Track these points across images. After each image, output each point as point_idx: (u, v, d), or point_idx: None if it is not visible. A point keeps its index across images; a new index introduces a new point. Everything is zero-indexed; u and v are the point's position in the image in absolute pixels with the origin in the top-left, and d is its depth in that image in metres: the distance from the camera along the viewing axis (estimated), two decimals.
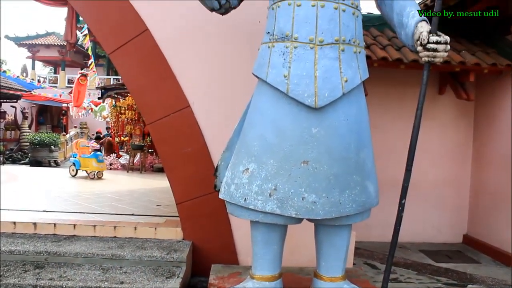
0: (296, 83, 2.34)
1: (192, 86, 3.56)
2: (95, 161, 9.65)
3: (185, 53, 3.55)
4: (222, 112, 3.50)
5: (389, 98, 6.08)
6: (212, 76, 3.54)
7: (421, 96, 2.63)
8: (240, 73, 3.37)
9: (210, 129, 3.57)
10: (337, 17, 2.39)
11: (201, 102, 3.56)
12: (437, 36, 2.45)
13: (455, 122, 6.38)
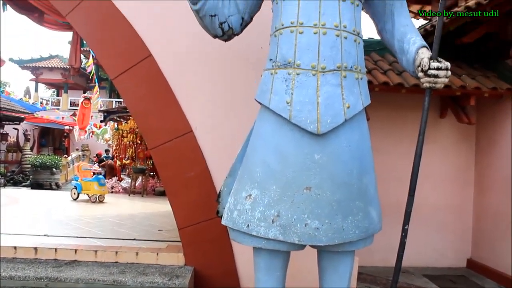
0: (299, 110, 2.36)
1: (194, 111, 3.59)
2: (97, 185, 9.65)
3: (188, 78, 3.58)
4: (225, 137, 3.51)
5: (390, 122, 6.10)
6: (215, 101, 3.57)
7: (423, 122, 2.65)
8: (242, 99, 3.40)
9: (213, 154, 3.58)
10: (339, 44, 2.42)
11: (204, 127, 3.58)
12: (438, 62, 2.48)
13: (456, 145, 6.39)
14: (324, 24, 2.41)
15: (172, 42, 3.58)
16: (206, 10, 2.56)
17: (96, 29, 3.74)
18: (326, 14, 2.42)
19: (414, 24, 2.84)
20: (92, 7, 3.70)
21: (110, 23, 3.67)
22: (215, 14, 2.59)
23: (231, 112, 3.53)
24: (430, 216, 6.22)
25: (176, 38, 3.56)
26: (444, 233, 6.33)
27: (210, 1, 2.54)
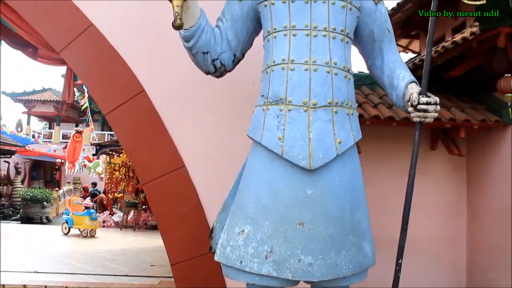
0: (291, 145, 2.38)
1: (187, 146, 3.60)
2: (88, 219, 9.57)
3: (180, 113, 3.61)
4: (217, 172, 3.52)
5: (382, 154, 6.13)
6: (207, 137, 3.59)
7: (414, 156, 2.68)
8: (235, 134, 3.42)
9: (205, 189, 3.58)
10: (330, 81, 2.47)
11: (196, 162, 3.59)
12: (427, 97, 2.54)
13: (448, 177, 6.41)
14: (315, 61, 2.46)
15: (165, 78, 3.62)
16: (198, 47, 2.60)
17: (90, 65, 3.78)
18: (316, 52, 2.48)
19: (402, 59, 2.91)
20: (85, 44, 3.74)
21: (104, 59, 3.71)
22: (208, 51, 2.64)
23: (223, 147, 3.54)
24: (424, 248, 6.19)
25: (169, 74, 3.60)
26: (439, 265, 6.28)
27: (202, 39, 2.58)
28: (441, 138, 6.09)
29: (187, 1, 2.48)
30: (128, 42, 3.67)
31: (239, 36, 2.73)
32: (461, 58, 5.67)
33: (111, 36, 3.70)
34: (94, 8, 3.74)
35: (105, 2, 3.72)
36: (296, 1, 2.54)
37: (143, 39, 3.64)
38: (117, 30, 3.69)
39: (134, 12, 3.66)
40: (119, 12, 3.70)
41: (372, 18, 2.75)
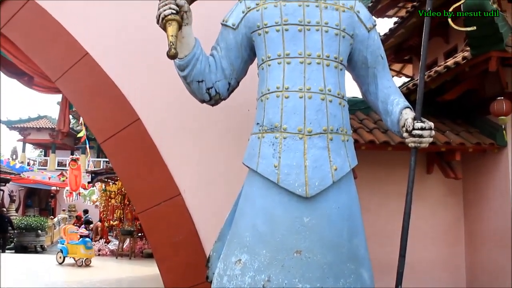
0: (287, 173, 2.38)
1: (183, 174, 3.58)
2: (83, 248, 9.45)
3: (175, 141, 3.60)
4: (213, 200, 3.50)
5: (378, 179, 6.12)
6: (203, 164, 3.58)
7: (410, 182, 2.68)
8: (230, 161, 3.41)
9: (201, 218, 3.55)
10: (324, 108, 2.48)
11: (192, 190, 3.57)
12: (421, 123, 2.55)
13: (444, 200, 6.39)
14: (309, 89, 2.48)
15: (160, 106, 3.62)
16: (193, 76, 2.62)
17: (85, 94, 3.78)
18: (311, 79, 2.50)
19: (396, 85, 2.93)
20: (81, 73, 3.76)
21: (99, 88, 3.72)
22: (202, 80, 2.65)
23: (219, 175, 3.53)
24: (423, 273, 6.12)
25: (164, 102, 3.61)
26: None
27: (197, 68, 2.61)
28: (436, 161, 6.11)
29: (181, 31, 2.52)
30: (123, 71, 3.69)
31: (233, 65, 2.75)
32: (454, 82, 5.73)
33: (107, 65, 3.71)
34: (90, 38, 3.76)
35: (100, 31, 3.76)
36: (289, 30, 2.58)
37: (138, 68, 3.66)
38: (113, 59, 3.71)
39: (129, 41, 3.69)
40: (115, 42, 3.73)
41: (365, 45, 2.78)
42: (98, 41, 3.75)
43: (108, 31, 3.75)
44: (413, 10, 7.37)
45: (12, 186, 22.70)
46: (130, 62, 3.67)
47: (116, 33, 3.73)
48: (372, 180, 6.05)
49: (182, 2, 2.50)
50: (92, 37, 3.76)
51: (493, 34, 4.69)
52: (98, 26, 3.76)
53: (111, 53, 3.72)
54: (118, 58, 3.70)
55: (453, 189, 6.41)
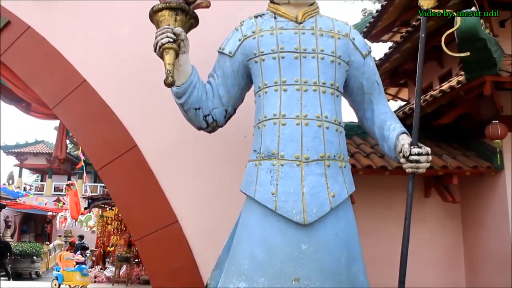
0: (284, 200, 2.38)
1: (180, 201, 3.57)
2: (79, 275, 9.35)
3: (173, 168, 3.60)
4: (211, 227, 3.47)
5: (376, 204, 6.10)
6: (200, 191, 3.57)
7: (408, 207, 2.67)
8: (228, 189, 3.40)
9: (199, 245, 3.52)
10: (321, 134, 2.49)
11: (190, 217, 3.54)
12: (418, 148, 2.56)
13: (443, 224, 6.37)
14: (306, 116, 2.49)
15: (157, 133, 3.62)
16: (190, 103, 2.64)
17: (82, 121, 3.78)
18: (307, 106, 2.51)
19: (392, 110, 2.95)
20: (78, 100, 3.77)
21: (96, 115, 3.73)
22: (199, 107, 2.67)
23: (216, 201, 3.52)
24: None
25: (161, 129, 3.62)
26: None
27: (194, 95, 2.62)
28: (434, 185, 6.11)
29: (178, 59, 2.54)
30: (120, 98, 3.70)
31: (230, 92, 2.77)
32: (450, 105, 5.79)
33: (104, 92, 3.73)
34: (88, 65, 3.79)
35: (98, 58, 3.78)
36: (286, 57, 2.61)
37: (135, 95, 3.67)
38: (110, 86, 3.73)
39: (127, 68, 3.71)
40: (112, 68, 3.75)
41: (360, 72, 2.81)
42: (96, 68, 3.77)
43: (106, 58, 3.77)
44: (407, 36, 7.47)
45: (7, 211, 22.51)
46: (127, 89, 3.69)
47: (114, 60, 3.76)
48: (370, 204, 6.04)
49: (179, 30, 2.52)
50: (90, 64, 3.79)
51: (486, 59, 4.75)
52: (96, 53, 3.79)
53: (109, 80, 3.74)
54: (115, 85, 3.72)
55: (452, 212, 6.39)
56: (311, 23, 2.73)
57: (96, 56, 3.78)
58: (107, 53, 3.77)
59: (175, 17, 2.61)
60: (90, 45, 3.80)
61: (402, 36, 7.74)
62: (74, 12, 3.83)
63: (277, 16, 2.76)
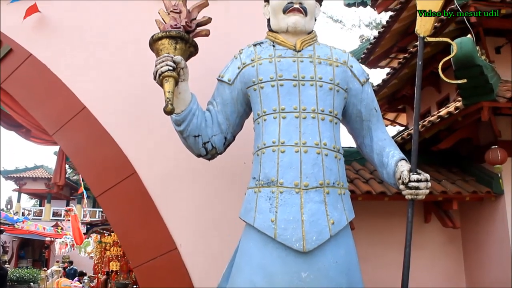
0: (284, 228, 2.37)
1: (179, 228, 3.55)
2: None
3: (172, 194, 3.59)
4: (210, 254, 3.45)
5: (376, 229, 6.06)
6: (199, 218, 3.55)
7: (408, 234, 2.66)
8: (228, 216, 3.39)
9: (198, 272, 3.48)
10: (320, 162, 2.50)
11: (189, 244, 3.52)
12: (417, 175, 2.56)
13: (443, 249, 6.32)
14: (305, 143, 2.50)
15: (156, 159, 3.63)
16: (189, 131, 2.65)
17: (82, 147, 3.79)
18: (306, 133, 2.53)
19: (390, 136, 2.96)
20: (78, 126, 3.78)
21: (96, 141, 3.74)
22: (199, 135, 2.68)
23: (215, 229, 3.50)
24: None
25: (161, 156, 3.62)
26: None
27: (193, 122, 2.64)
28: (434, 210, 6.09)
29: (178, 87, 2.56)
30: (120, 125, 3.72)
31: (229, 119, 2.79)
32: (448, 131, 5.81)
33: (104, 119, 3.75)
34: (88, 92, 3.81)
35: (98, 85, 3.81)
36: (284, 85, 2.63)
37: (135, 122, 3.69)
38: (110, 113, 3.75)
39: (126, 95, 3.73)
40: (112, 95, 3.77)
41: (359, 99, 2.83)
42: (96, 95, 3.80)
43: (106, 85, 3.80)
44: (405, 62, 7.55)
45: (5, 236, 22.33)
46: (127, 116, 3.71)
47: (113, 87, 3.79)
48: (370, 230, 6.01)
49: (179, 58, 2.55)
50: (90, 91, 3.81)
51: (483, 85, 4.80)
52: (96, 80, 3.82)
53: (109, 106, 3.76)
54: (115, 111, 3.74)
55: (452, 238, 6.35)
56: (309, 51, 2.76)
57: (96, 83, 3.81)
58: (107, 80, 3.80)
59: (174, 46, 2.65)
60: (90, 72, 3.84)
61: (399, 62, 7.82)
62: (75, 40, 3.88)
63: (276, 44, 2.80)
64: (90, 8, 3.91)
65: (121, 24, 3.88)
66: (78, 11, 3.90)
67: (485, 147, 5.61)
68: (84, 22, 3.89)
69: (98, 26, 3.89)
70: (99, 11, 3.91)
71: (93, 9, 3.91)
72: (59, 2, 3.92)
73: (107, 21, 3.90)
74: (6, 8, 3.91)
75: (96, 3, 3.92)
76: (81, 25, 3.89)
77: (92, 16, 3.90)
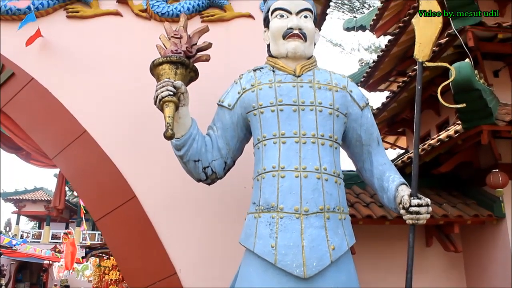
0: (284, 254, 2.35)
1: (179, 253, 3.51)
2: None
3: (172, 219, 3.57)
4: (209, 279, 3.41)
5: (377, 254, 6.02)
6: (199, 243, 3.52)
7: (409, 259, 2.64)
8: (227, 240, 3.37)
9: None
10: (321, 187, 2.49)
11: (188, 269, 3.48)
12: (418, 199, 2.54)
13: (446, 274, 6.26)
14: (305, 168, 2.50)
15: (156, 184, 3.62)
16: (189, 155, 2.65)
17: (81, 171, 3.78)
18: (306, 158, 2.53)
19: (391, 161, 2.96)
20: (78, 150, 3.78)
21: (96, 165, 3.73)
22: (199, 160, 2.68)
23: (215, 254, 3.47)
24: None
25: (160, 180, 3.61)
26: None
27: (193, 147, 2.64)
28: (435, 234, 6.05)
29: (178, 112, 2.57)
30: (120, 149, 3.72)
31: (229, 144, 2.80)
32: (448, 154, 5.82)
33: (104, 143, 3.74)
34: (88, 115, 3.82)
35: (99, 109, 3.82)
36: (284, 110, 2.64)
37: (135, 146, 3.69)
38: (110, 137, 3.75)
39: (127, 119, 3.74)
40: (113, 119, 3.78)
41: (358, 123, 2.84)
42: (97, 119, 3.80)
43: (107, 109, 3.81)
44: (404, 85, 7.59)
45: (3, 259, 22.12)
46: (127, 140, 3.71)
47: (114, 111, 3.80)
48: (371, 255, 5.96)
49: (179, 83, 2.57)
50: (90, 115, 3.82)
51: (482, 109, 4.82)
52: (97, 104, 3.83)
53: (109, 130, 3.76)
54: (115, 135, 3.74)
55: (454, 262, 6.30)
56: (309, 76, 2.78)
57: (97, 107, 3.83)
58: (108, 104, 3.82)
59: (175, 71, 2.66)
60: (91, 96, 3.85)
61: (398, 86, 7.86)
62: (77, 64, 3.90)
63: (276, 69, 2.81)
64: (92, 33, 3.95)
65: (123, 49, 3.91)
66: (80, 36, 3.94)
67: (485, 170, 5.61)
68: (86, 46, 3.92)
69: (100, 50, 3.92)
70: (101, 36, 3.95)
71: (94, 34, 3.95)
72: (61, 27, 3.96)
73: (109, 46, 3.93)
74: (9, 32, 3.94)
75: (98, 28, 3.96)
76: (82, 49, 3.92)
77: (93, 41, 3.94)
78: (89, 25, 3.97)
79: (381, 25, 10.47)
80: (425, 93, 7.03)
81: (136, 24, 3.97)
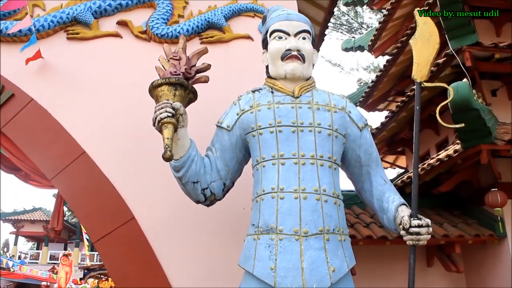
0: (283, 276, 2.32)
1: (177, 274, 3.47)
2: None
3: (170, 241, 3.54)
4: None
5: (378, 275, 5.96)
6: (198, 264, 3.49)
7: (410, 282, 2.61)
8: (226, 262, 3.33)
9: None
10: (320, 208, 2.47)
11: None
12: (418, 220, 2.52)
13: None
14: (304, 189, 2.49)
15: (155, 205, 3.60)
16: (188, 177, 2.64)
17: (80, 192, 3.77)
18: (305, 179, 2.52)
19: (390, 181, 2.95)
20: (77, 171, 3.77)
21: (94, 186, 3.71)
22: (197, 181, 2.67)
23: (214, 276, 3.43)
24: None
25: (159, 202, 3.59)
26: None
27: (192, 169, 2.63)
28: (436, 254, 6.02)
29: (177, 133, 2.57)
30: (119, 170, 3.70)
31: (228, 165, 2.79)
32: (448, 173, 5.81)
33: (103, 164, 3.73)
34: (87, 136, 3.82)
35: (98, 130, 3.82)
36: (283, 131, 2.64)
37: (134, 168, 3.68)
38: (109, 158, 3.74)
39: (126, 140, 3.74)
40: (112, 141, 3.78)
41: (357, 144, 2.84)
42: (96, 140, 3.80)
43: (106, 130, 3.81)
44: (402, 105, 7.62)
45: None
46: (126, 161, 3.70)
47: (113, 132, 3.79)
48: (371, 275, 5.90)
49: (178, 105, 2.57)
50: (89, 136, 3.81)
51: (481, 128, 4.83)
52: (96, 125, 3.83)
53: (108, 152, 3.75)
54: (114, 157, 3.73)
55: (456, 282, 6.24)
56: (307, 97, 2.78)
57: (96, 128, 3.82)
58: (107, 125, 3.81)
59: (174, 92, 2.67)
60: (91, 117, 3.86)
61: (397, 106, 7.90)
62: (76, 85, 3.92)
63: (274, 90, 2.82)
64: (92, 55, 3.97)
65: (122, 71, 3.93)
66: (80, 57, 3.96)
67: (486, 189, 5.59)
68: (86, 68, 3.94)
69: (99, 72, 3.94)
70: (101, 57, 3.97)
71: (94, 56, 3.97)
72: (62, 48, 3.98)
73: (108, 67, 3.95)
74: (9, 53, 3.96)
75: (98, 49, 3.99)
76: (82, 70, 3.93)
77: (93, 62, 3.96)
78: (89, 47, 3.99)
79: (379, 45, 10.55)
80: (424, 112, 7.06)
81: (135, 45, 4.00)
